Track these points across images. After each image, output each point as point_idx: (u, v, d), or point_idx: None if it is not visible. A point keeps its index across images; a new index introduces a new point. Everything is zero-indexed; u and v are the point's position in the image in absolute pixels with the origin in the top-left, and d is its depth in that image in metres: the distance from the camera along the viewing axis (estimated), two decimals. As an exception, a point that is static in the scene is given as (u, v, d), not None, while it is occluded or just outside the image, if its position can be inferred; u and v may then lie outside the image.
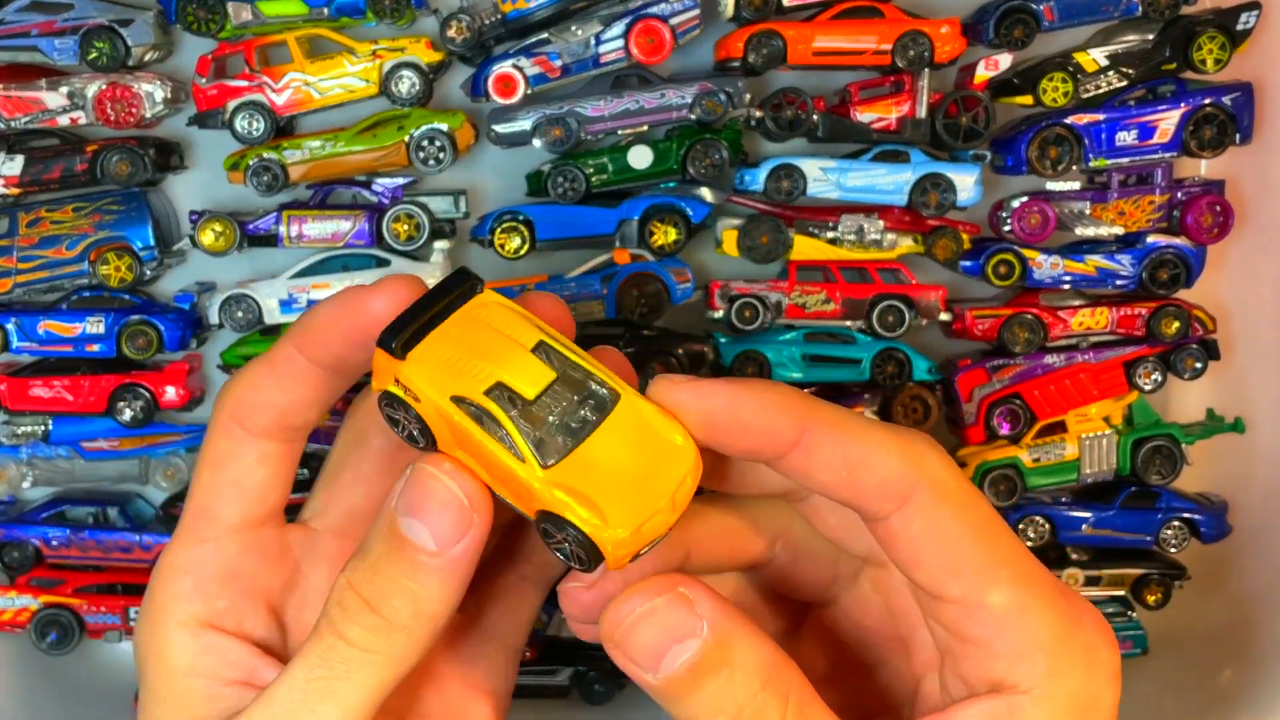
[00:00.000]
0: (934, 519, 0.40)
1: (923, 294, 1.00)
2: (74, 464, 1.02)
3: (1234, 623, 0.99)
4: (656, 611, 0.40)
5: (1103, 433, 1.01)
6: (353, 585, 0.42)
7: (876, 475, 0.40)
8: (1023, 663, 0.40)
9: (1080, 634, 0.41)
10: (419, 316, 0.41)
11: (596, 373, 0.42)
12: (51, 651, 1.00)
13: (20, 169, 0.96)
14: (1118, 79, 0.98)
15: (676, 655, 0.39)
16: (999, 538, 0.41)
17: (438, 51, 0.96)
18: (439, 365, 0.41)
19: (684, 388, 0.41)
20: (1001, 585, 0.40)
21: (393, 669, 0.42)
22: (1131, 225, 1.00)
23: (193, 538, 0.47)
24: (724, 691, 0.39)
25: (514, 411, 0.40)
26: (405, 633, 0.41)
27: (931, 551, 0.40)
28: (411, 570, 0.41)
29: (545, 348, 0.41)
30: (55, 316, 0.98)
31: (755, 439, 0.41)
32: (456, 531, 0.41)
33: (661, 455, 0.40)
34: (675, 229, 0.98)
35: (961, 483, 0.41)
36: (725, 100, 0.96)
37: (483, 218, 0.99)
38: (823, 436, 0.40)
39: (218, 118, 0.96)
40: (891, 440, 0.41)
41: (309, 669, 0.42)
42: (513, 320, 0.42)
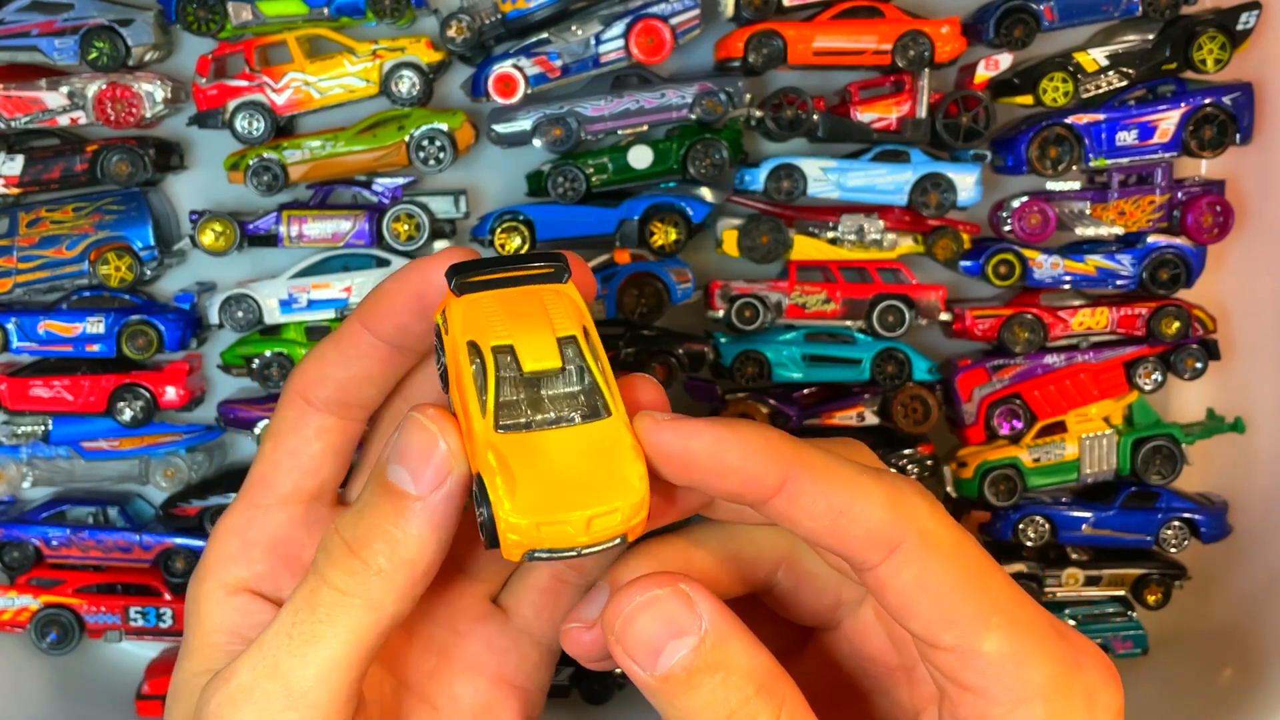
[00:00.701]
0: (923, 569, 0.40)
1: (923, 294, 1.00)
2: (74, 464, 1.02)
3: (1234, 623, 0.99)
4: (657, 602, 0.39)
5: (1103, 433, 1.01)
6: (338, 530, 0.43)
7: (861, 525, 0.40)
8: (1020, 710, 0.40)
9: (1079, 677, 0.41)
10: (493, 271, 0.43)
11: (603, 387, 0.42)
12: (51, 651, 1.00)
13: (20, 169, 0.96)
14: (1118, 79, 0.98)
15: (674, 651, 0.39)
16: (991, 583, 0.41)
17: (438, 51, 0.96)
18: (478, 313, 0.42)
19: (666, 427, 0.41)
20: (995, 632, 0.40)
21: (372, 614, 0.42)
22: (1132, 225, 1.00)
23: (247, 503, 0.49)
24: (717, 694, 0.39)
25: (505, 374, 0.41)
26: (382, 577, 0.42)
27: (922, 601, 0.40)
28: (393, 515, 0.42)
29: (573, 343, 0.42)
30: (55, 316, 0.98)
31: (737, 483, 0.40)
32: (436, 476, 0.41)
33: (608, 482, 0.40)
34: (675, 229, 0.98)
35: (950, 529, 0.41)
36: (725, 100, 0.96)
37: (483, 218, 0.99)
38: (807, 484, 0.40)
39: (218, 118, 0.96)
40: (877, 488, 0.40)
41: (293, 613, 0.42)
42: (565, 310, 0.42)
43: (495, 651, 0.52)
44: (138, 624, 1.01)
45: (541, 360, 0.41)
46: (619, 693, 1.00)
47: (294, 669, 0.42)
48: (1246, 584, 1.00)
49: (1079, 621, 1.01)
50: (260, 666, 0.42)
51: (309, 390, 0.47)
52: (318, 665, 0.42)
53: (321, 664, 0.42)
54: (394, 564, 0.42)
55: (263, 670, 0.42)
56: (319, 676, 0.42)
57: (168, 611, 1.01)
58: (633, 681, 0.40)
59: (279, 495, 0.48)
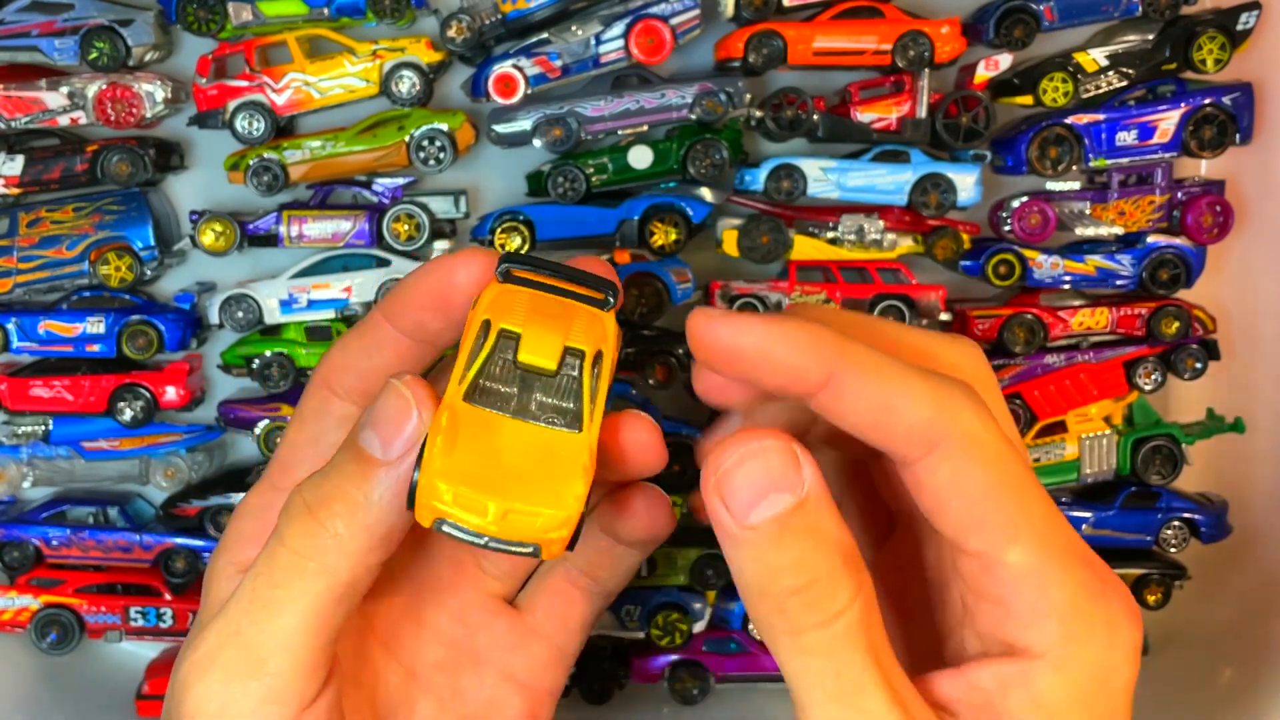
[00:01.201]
0: (959, 470, 0.39)
1: (923, 294, 1.00)
2: (74, 464, 1.02)
3: (1234, 623, 0.99)
4: (766, 452, 0.39)
5: (1103, 433, 1.01)
6: (300, 491, 0.43)
7: (904, 422, 0.39)
8: (1036, 626, 0.40)
9: (1102, 605, 0.40)
10: (543, 273, 0.43)
11: (587, 407, 0.41)
12: (51, 651, 1.00)
13: (20, 169, 0.96)
14: (1118, 79, 0.98)
15: (772, 504, 0.38)
16: (1027, 496, 0.40)
17: (438, 51, 0.96)
18: (507, 300, 0.42)
19: (718, 322, 0.41)
20: (1022, 544, 0.39)
21: (326, 579, 0.42)
22: (1132, 225, 1.00)
23: (267, 484, 0.49)
24: (806, 556, 0.38)
25: (499, 355, 0.41)
26: (338, 541, 0.41)
27: (954, 502, 0.40)
28: (357, 479, 0.41)
29: (579, 357, 0.42)
30: (55, 316, 0.98)
31: (784, 378, 0.40)
32: (405, 443, 0.41)
33: (543, 486, 0.40)
34: (675, 229, 0.98)
35: (995, 436, 0.40)
36: (725, 100, 0.96)
37: (483, 218, 0.99)
38: (852, 380, 0.40)
39: (218, 118, 0.96)
40: (923, 386, 0.40)
41: (254, 578, 0.43)
42: (589, 329, 0.42)
43: (503, 648, 0.52)
44: (138, 624, 1.01)
45: (538, 357, 0.41)
46: (619, 692, 1.00)
47: (254, 636, 0.42)
48: (1246, 584, 1.00)
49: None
50: (224, 633, 0.42)
51: (332, 378, 0.48)
52: (277, 633, 0.42)
53: (281, 631, 0.42)
54: (351, 529, 0.41)
55: (226, 637, 0.42)
56: (279, 644, 0.42)
57: (168, 611, 1.01)
58: (716, 531, 0.40)
59: (297, 479, 0.48)
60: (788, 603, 0.38)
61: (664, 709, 1.01)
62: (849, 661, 0.38)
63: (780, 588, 0.38)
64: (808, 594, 0.38)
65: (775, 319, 0.41)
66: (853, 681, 0.38)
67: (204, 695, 0.42)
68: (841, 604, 0.38)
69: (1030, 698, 0.40)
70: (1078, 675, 0.40)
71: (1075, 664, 0.40)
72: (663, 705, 1.01)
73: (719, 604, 1.01)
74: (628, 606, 0.99)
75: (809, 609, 0.38)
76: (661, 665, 1.00)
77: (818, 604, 0.38)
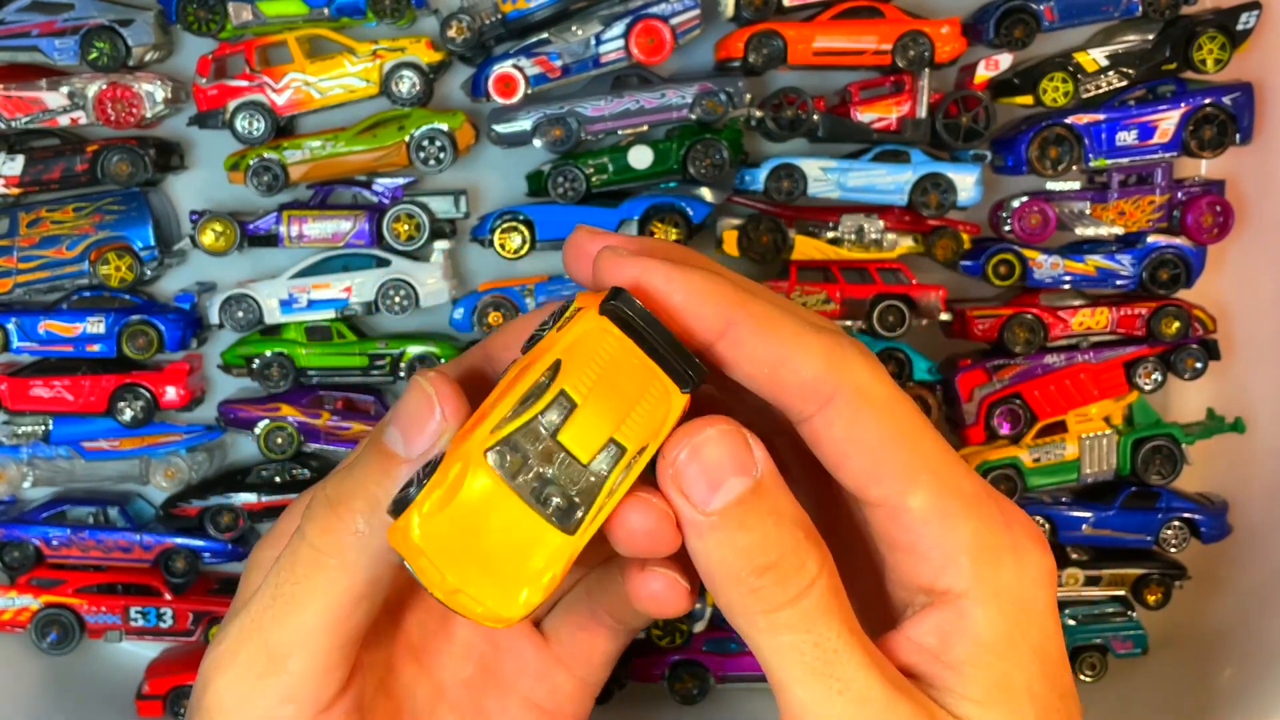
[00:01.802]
0: (853, 423, 0.40)
1: (923, 294, 1.00)
2: (74, 464, 1.02)
3: (1234, 623, 0.99)
4: (727, 436, 0.39)
5: (1103, 433, 1.01)
6: (323, 486, 0.42)
7: (798, 375, 0.40)
8: (949, 566, 0.40)
9: (1006, 536, 0.41)
10: (644, 327, 0.40)
11: (596, 506, 0.40)
12: (51, 651, 1.00)
13: (20, 169, 0.96)
14: (1118, 79, 0.98)
15: (730, 489, 0.39)
16: (921, 443, 0.41)
17: (438, 51, 0.96)
18: (592, 346, 0.40)
19: (624, 262, 0.41)
20: (921, 489, 0.40)
21: (348, 577, 0.41)
22: (1132, 225, 1.00)
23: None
24: (770, 534, 0.39)
25: (546, 417, 0.39)
26: (360, 539, 0.41)
27: (852, 455, 0.41)
28: (379, 474, 0.41)
29: (618, 454, 0.40)
30: (55, 316, 0.98)
31: (684, 322, 0.41)
32: (428, 440, 0.41)
33: (502, 580, 0.39)
34: (675, 229, 0.98)
35: (886, 387, 0.41)
36: (725, 100, 0.96)
37: (483, 218, 0.99)
38: (748, 331, 0.40)
39: (218, 118, 0.96)
40: (816, 341, 0.40)
41: (276, 573, 0.42)
42: (647, 420, 0.40)
43: (528, 674, 0.52)
44: (138, 624, 1.01)
45: (580, 444, 0.39)
46: (619, 692, 1.00)
47: (274, 633, 0.42)
48: (1246, 584, 1.00)
49: (1079, 621, 1.01)
50: (246, 628, 0.42)
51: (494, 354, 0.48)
52: (296, 631, 0.42)
53: (300, 629, 0.42)
54: (373, 526, 0.41)
55: (248, 632, 0.42)
56: (298, 643, 0.42)
57: (168, 611, 1.01)
58: (680, 523, 0.40)
59: None
60: (759, 582, 0.39)
61: (664, 709, 1.01)
62: (825, 631, 0.39)
63: (750, 568, 0.39)
64: (777, 571, 0.39)
65: (679, 266, 0.41)
66: (830, 650, 0.39)
67: (224, 690, 0.42)
68: (810, 575, 0.39)
69: (971, 639, 0.40)
70: (1001, 605, 0.41)
71: (995, 595, 0.40)
72: (663, 705, 1.01)
73: (719, 604, 1.00)
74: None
75: (780, 586, 0.39)
76: (661, 665, 1.00)
77: (788, 579, 0.39)
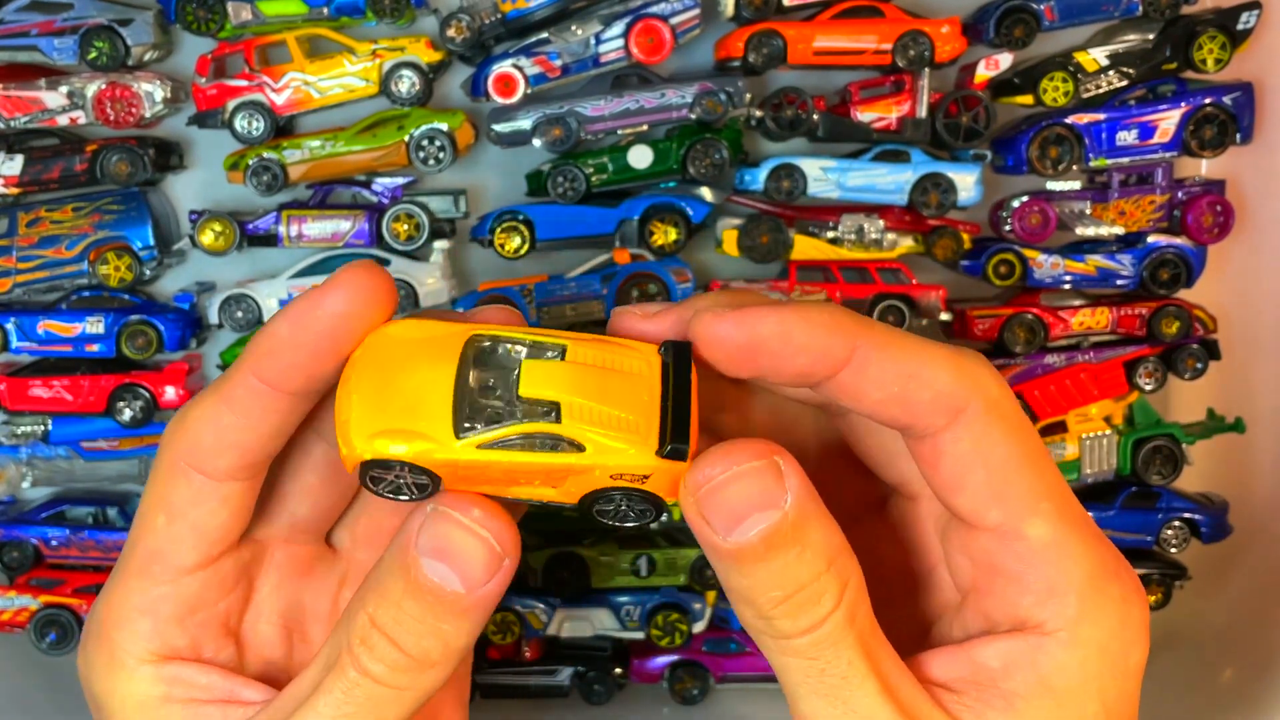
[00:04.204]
0: (984, 437, 0.39)
1: (923, 294, 1.00)
2: (73, 464, 1.02)
3: (1234, 623, 0.99)
4: (747, 476, 0.38)
5: (1103, 433, 1.01)
6: (377, 625, 0.40)
7: (930, 389, 0.39)
8: (1054, 601, 0.39)
9: (1116, 583, 0.40)
10: (681, 392, 0.40)
11: (481, 437, 0.39)
12: (51, 651, 1.00)
13: (20, 169, 0.96)
14: (1118, 79, 0.98)
15: (755, 523, 0.38)
16: (1045, 468, 0.40)
17: (438, 51, 0.96)
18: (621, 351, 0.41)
19: (728, 319, 0.39)
20: (1042, 517, 0.39)
21: (420, 701, 0.42)
22: (1132, 225, 1.00)
23: (147, 580, 0.44)
24: (790, 568, 0.38)
25: (536, 345, 0.41)
26: (435, 669, 0.41)
27: (977, 472, 0.39)
28: (440, 612, 0.40)
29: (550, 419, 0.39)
30: (55, 316, 0.98)
31: (807, 360, 0.39)
32: (486, 574, 0.40)
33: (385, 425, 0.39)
34: (675, 229, 0.98)
35: (1013, 404, 0.40)
36: (725, 100, 0.95)
37: (483, 218, 0.99)
38: (875, 352, 0.39)
39: (217, 117, 0.96)
40: (945, 355, 0.40)
41: (335, 705, 0.40)
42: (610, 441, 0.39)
43: (324, 596, 0.50)
44: (137, 624, 1.01)
45: (531, 377, 0.40)
46: (619, 692, 1.00)
47: None
48: (1246, 584, 1.00)
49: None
50: None
51: (204, 462, 0.42)
52: None
53: None
54: (447, 658, 0.41)
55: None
56: None
57: (167, 611, 1.01)
58: (699, 542, 0.39)
59: (183, 569, 0.44)
60: (772, 612, 0.38)
61: (664, 709, 1.01)
62: (835, 659, 0.38)
63: (765, 599, 0.38)
64: (791, 603, 0.38)
65: (783, 305, 0.40)
66: (839, 677, 0.38)
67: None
68: (825, 610, 0.38)
69: (1038, 677, 0.39)
70: (1090, 653, 0.39)
71: (1090, 641, 0.39)
72: (663, 705, 1.01)
73: (719, 604, 1.00)
74: (628, 606, 0.99)
75: (792, 618, 0.38)
76: (661, 665, 1.00)
77: (802, 612, 0.38)
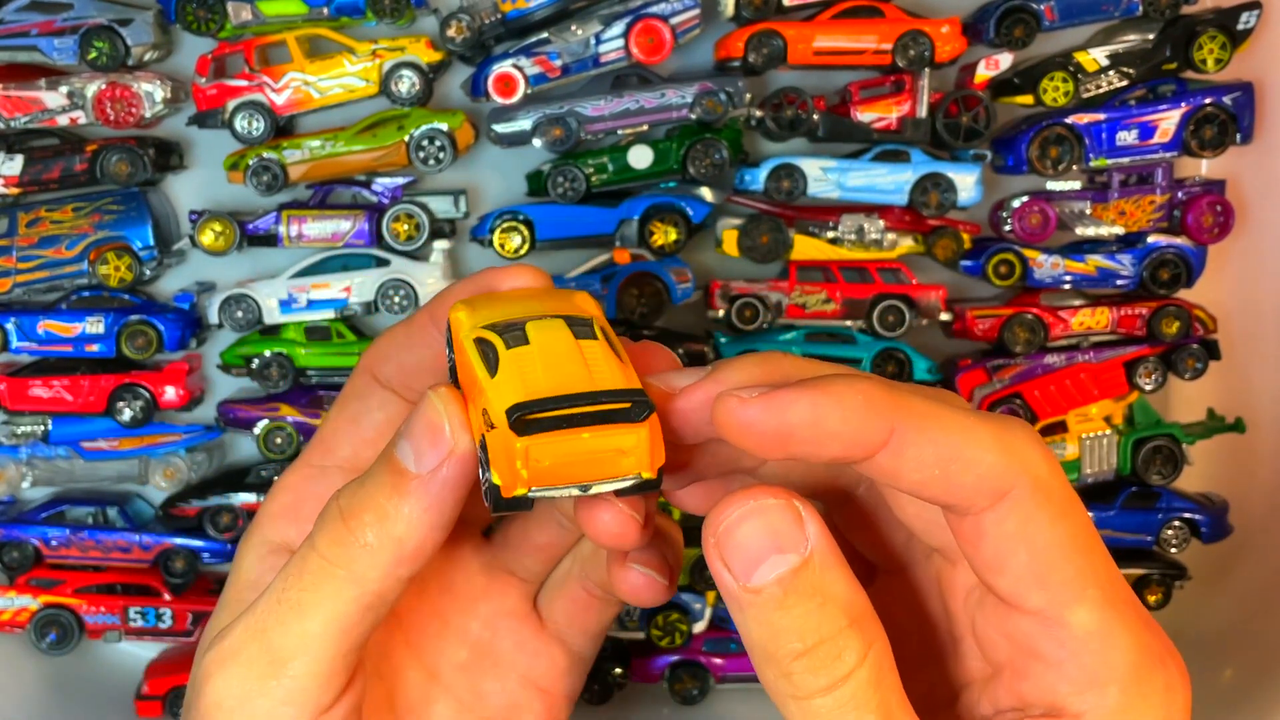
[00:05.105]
0: (1029, 520, 0.37)
1: (923, 294, 1.00)
2: (73, 464, 1.02)
3: (1234, 623, 0.99)
4: (766, 511, 0.37)
5: (1103, 433, 1.01)
6: (336, 497, 0.43)
7: (973, 471, 0.37)
8: (1094, 692, 0.37)
9: (1161, 671, 0.38)
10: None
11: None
12: (51, 651, 1.00)
13: (20, 169, 0.96)
14: (1118, 79, 0.98)
15: (774, 566, 0.36)
16: (1093, 552, 0.38)
17: (438, 51, 0.96)
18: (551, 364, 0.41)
19: (755, 406, 0.37)
20: (1088, 604, 0.37)
21: (354, 588, 0.42)
22: (1132, 225, 1.00)
23: (304, 462, 0.50)
24: (810, 619, 0.37)
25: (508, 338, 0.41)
26: (368, 551, 0.41)
27: (1020, 555, 0.37)
28: (389, 490, 0.41)
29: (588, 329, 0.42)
30: (55, 316, 0.98)
31: (841, 447, 0.37)
32: (434, 454, 0.41)
33: None
34: (675, 229, 0.98)
35: (1062, 482, 0.38)
36: (725, 100, 0.95)
37: (483, 218, 0.99)
38: (914, 433, 0.37)
39: (217, 117, 0.96)
40: (987, 431, 0.37)
41: (284, 578, 0.43)
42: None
43: (526, 653, 0.52)
44: (137, 624, 1.01)
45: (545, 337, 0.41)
46: (619, 692, 1.00)
47: (278, 635, 0.42)
48: (1246, 584, 1.00)
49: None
50: (250, 628, 0.43)
51: (376, 366, 0.49)
52: (300, 635, 0.42)
53: (304, 634, 0.42)
54: (381, 540, 0.41)
55: (252, 633, 0.42)
56: (301, 646, 0.42)
57: (167, 612, 1.01)
58: (719, 589, 0.38)
59: (337, 459, 0.49)
60: (792, 666, 0.37)
61: (664, 709, 1.01)
62: None
63: (785, 651, 0.37)
64: (812, 657, 0.37)
65: (814, 386, 0.37)
66: None
67: (223, 688, 0.42)
68: (848, 666, 0.37)
69: None
70: None
71: None
72: (663, 705, 1.01)
73: (719, 604, 1.01)
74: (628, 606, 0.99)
75: (813, 674, 0.37)
76: (661, 665, 1.00)
77: (823, 668, 0.37)
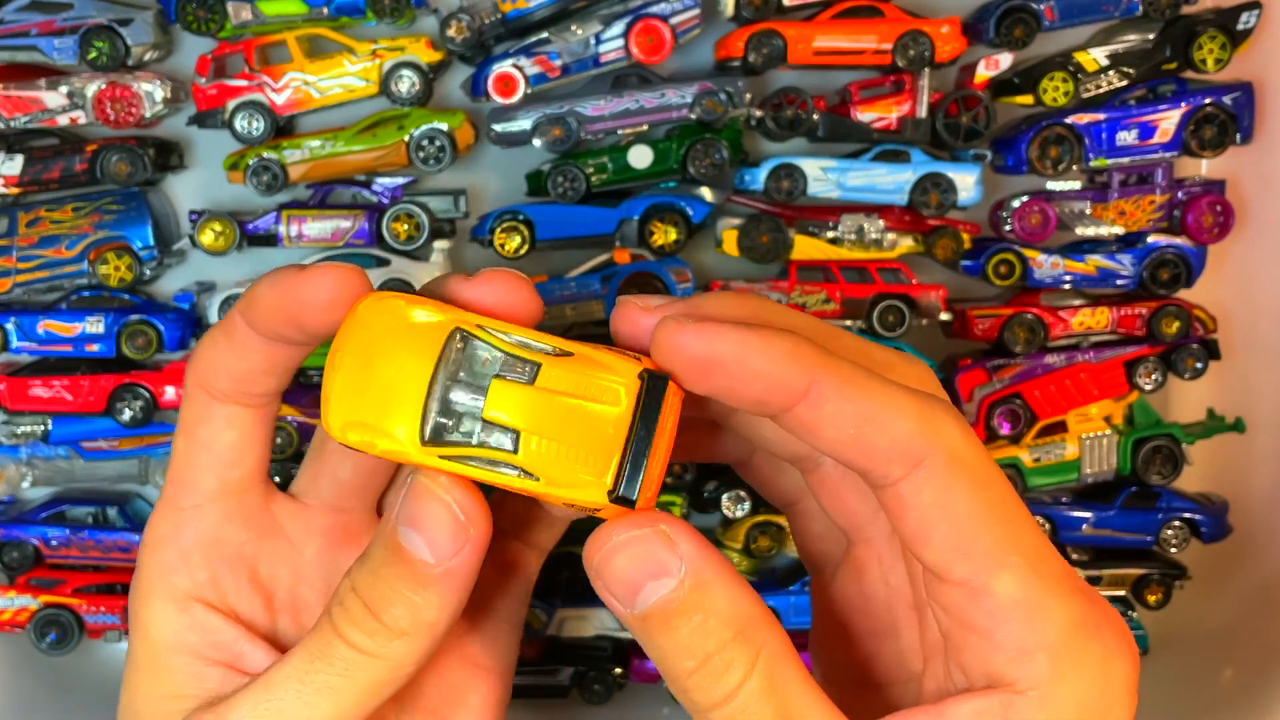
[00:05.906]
0: (945, 489, 0.37)
1: (923, 294, 1.00)
2: (73, 464, 1.02)
3: (1234, 623, 0.99)
4: (636, 543, 0.38)
5: (1103, 433, 1.01)
6: (355, 589, 0.42)
7: (887, 435, 0.37)
8: (1024, 660, 0.37)
9: (1096, 639, 0.38)
10: (648, 428, 0.39)
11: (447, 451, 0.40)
12: (51, 651, 1.00)
13: (20, 169, 0.96)
14: (1118, 79, 0.98)
15: (651, 592, 0.38)
16: (1015, 521, 0.38)
17: (438, 51, 0.96)
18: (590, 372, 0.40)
19: (688, 330, 0.38)
20: (1010, 572, 0.37)
21: (391, 673, 0.42)
22: (1132, 225, 1.00)
23: (173, 507, 0.47)
24: (695, 637, 0.38)
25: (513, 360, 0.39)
26: (404, 640, 0.42)
27: (940, 525, 0.37)
28: (411, 581, 0.41)
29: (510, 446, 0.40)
30: (55, 316, 0.98)
31: (761, 388, 0.37)
32: (453, 545, 0.40)
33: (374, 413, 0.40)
34: (675, 229, 0.98)
35: (980, 455, 0.38)
36: (725, 100, 0.95)
37: (483, 217, 0.99)
38: (832, 390, 0.37)
39: (217, 117, 0.96)
40: (907, 400, 0.38)
41: (308, 661, 0.42)
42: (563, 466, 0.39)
43: (458, 632, 0.51)
44: (137, 624, 1.01)
45: (498, 399, 0.39)
46: (619, 693, 1.00)
47: (300, 716, 0.42)
48: (1246, 584, 1.00)
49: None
50: (263, 708, 0.42)
51: (208, 382, 0.45)
52: (327, 715, 0.42)
53: (331, 714, 0.42)
54: (416, 629, 0.41)
55: (266, 713, 0.42)
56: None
57: (167, 611, 1.01)
58: (615, 615, 0.40)
59: (205, 493, 0.46)
60: (688, 684, 0.38)
61: (664, 709, 1.01)
62: None
63: (679, 670, 0.38)
64: (703, 674, 0.38)
65: (748, 326, 0.38)
66: None
67: None
68: (736, 680, 0.38)
69: None
70: (1065, 713, 0.38)
71: (1064, 701, 0.38)
72: (663, 705, 1.01)
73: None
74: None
75: (705, 691, 0.38)
76: (661, 665, 1.00)
77: (714, 683, 0.38)
